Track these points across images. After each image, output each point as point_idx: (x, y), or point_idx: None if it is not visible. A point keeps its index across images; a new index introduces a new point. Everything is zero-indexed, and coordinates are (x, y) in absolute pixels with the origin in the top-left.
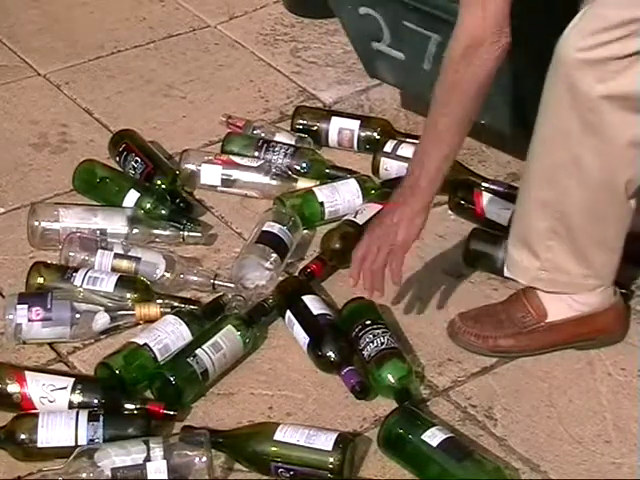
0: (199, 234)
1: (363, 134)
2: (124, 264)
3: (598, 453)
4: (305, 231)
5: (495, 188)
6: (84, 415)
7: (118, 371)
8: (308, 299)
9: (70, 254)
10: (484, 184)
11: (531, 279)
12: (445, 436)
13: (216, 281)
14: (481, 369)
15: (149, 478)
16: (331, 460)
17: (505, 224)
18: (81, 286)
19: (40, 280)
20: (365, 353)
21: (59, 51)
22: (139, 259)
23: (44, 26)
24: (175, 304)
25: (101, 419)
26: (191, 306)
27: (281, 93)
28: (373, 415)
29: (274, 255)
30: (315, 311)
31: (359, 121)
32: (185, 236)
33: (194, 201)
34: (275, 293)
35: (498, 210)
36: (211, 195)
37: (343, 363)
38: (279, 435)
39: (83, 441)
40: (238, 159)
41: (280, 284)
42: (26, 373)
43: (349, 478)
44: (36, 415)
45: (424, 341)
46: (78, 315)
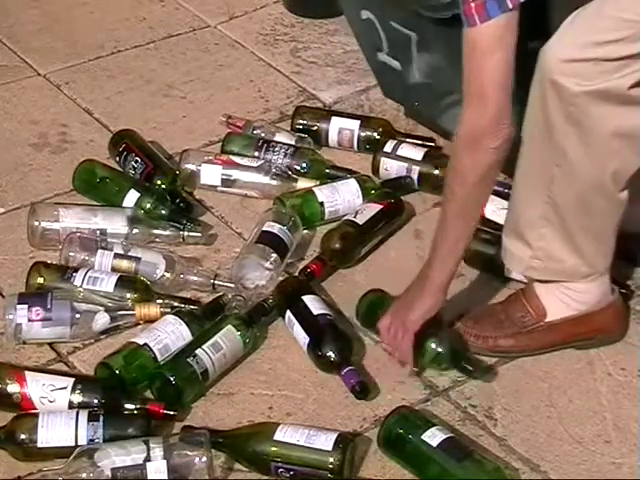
0: (199, 234)
1: (363, 134)
2: (124, 264)
3: (598, 453)
4: (305, 231)
5: (495, 188)
6: (84, 415)
7: (118, 371)
8: (308, 299)
9: (70, 254)
10: None
11: (525, 268)
12: (445, 436)
13: (216, 281)
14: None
15: (149, 478)
16: (331, 460)
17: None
18: (81, 286)
19: (40, 280)
20: None
21: (59, 51)
22: (139, 259)
23: (44, 26)
24: (175, 304)
25: (101, 419)
26: (191, 306)
27: (281, 93)
28: (373, 415)
29: (274, 255)
30: (315, 311)
31: (359, 121)
32: (185, 236)
33: (194, 201)
34: (275, 293)
35: (498, 210)
36: (211, 195)
37: (343, 363)
38: (279, 435)
39: (83, 441)
40: (238, 159)
41: (280, 284)
42: (26, 373)
43: (349, 478)
44: (36, 415)
45: None
46: (78, 315)
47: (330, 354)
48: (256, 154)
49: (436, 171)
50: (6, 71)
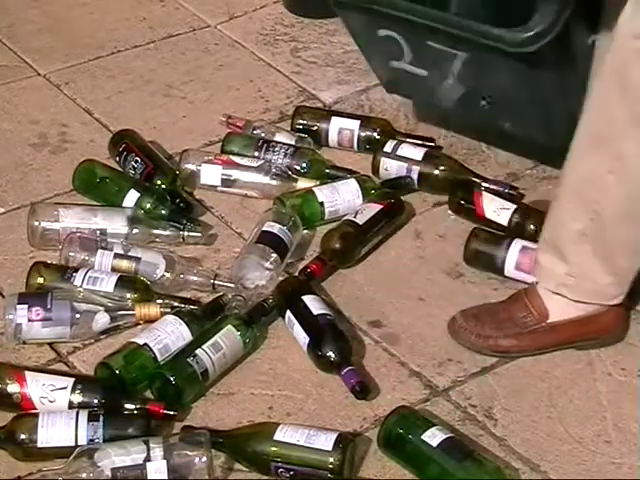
0: (199, 234)
1: (363, 134)
2: (124, 264)
3: (598, 453)
4: (305, 231)
5: (495, 188)
6: (84, 415)
7: (118, 371)
8: (308, 299)
9: (70, 254)
10: (484, 184)
11: (557, 285)
12: (445, 436)
13: (216, 281)
14: (481, 369)
15: (149, 478)
16: (331, 460)
17: (505, 224)
18: (81, 286)
19: (40, 280)
20: None
21: (59, 51)
22: (139, 259)
23: (44, 26)
24: (175, 304)
25: (101, 419)
26: (191, 306)
27: (281, 93)
28: (373, 415)
29: (274, 255)
30: (315, 311)
31: (359, 121)
32: (185, 236)
33: (194, 201)
34: (275, 293)
35: (498, 210)
36: (211, 195)
37: (343, 363)
38: (279, 435)
39: (83, 441)
40: (238, 159)
41: (280, 284)
42: (26, 373)
43: (349, 478)
44: (36, 415)
45: (424, 341)
46: (78, 315)
47: (330, 354)
48: (256, 154)
49: (436, 171)
50: (6, 71)
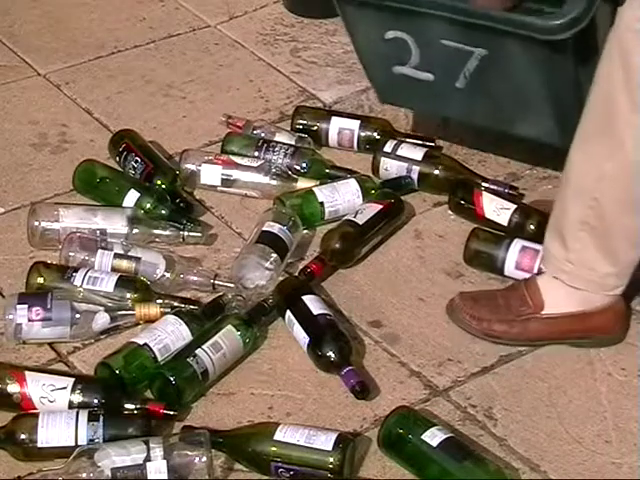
0: (199, 234)
1: (363, 134)
2: (124, 264)
3: (598, 453)
4: (305, 231)
5: (495, 188)
6: (84, 415)
7: (118, 371)
8: (308, 299)
9: (70, 254)
10: (484, 184)
11: (556, 269)
12: (445, 436)
13: (216, 281)
14: (481, 369)
15: (149, 478)
16: (331, 460)
17: (505, 224)
18: (81, 286)
19: (40, 280)
20: None
21: (59, 51)
22: (139, 259)
23: (44, 26)
24: (175, 304)
25: (101, 419)
26: (191, 306)
27: (281, 93)
28: (373, 415)
29: (274, 255)
30: (315, 311)
31: (359, 121)
32: (185, 236)
33: (194, 201)
34: (275, 293)
35: (498, 210)
36: (211, 195)
37: (343, 363)
38: (279, 435)
39: (83, 441)
40: (238, 159)
41: (280, 284)
42: (26, 373)
43: (349, 478)
44: (36, 415)
45: (424, 341)
46: (78, 315)
47: (330, 354)
48: (256, 154)
49: (436, 171)
50: (6, 71)
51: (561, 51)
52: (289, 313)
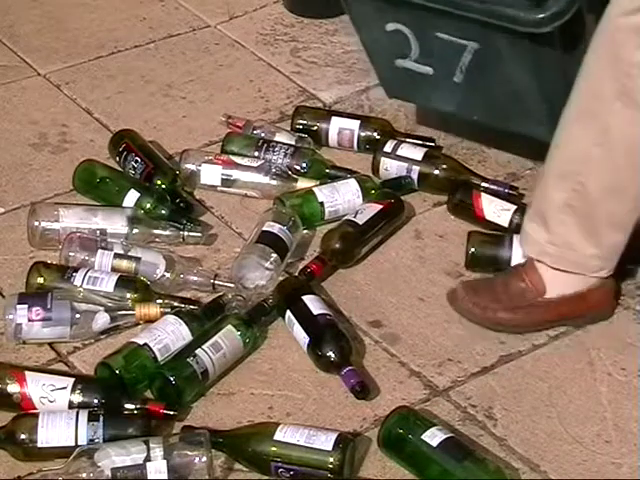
0: (199, 234)
1: (363, 134)
2: (124, 264)
3: (598, 453)
4: (305, 231)
5: (495, 188)
6: (84, 415)
7: (118, 371)
8: (308, 299)
9: (70, 254)
10: (484, 184)
11: (539, 252)
12: (445, 436)
13: (216, 281)
14: (481, 369)
15: (149, 478)
16: (331, 460)
17: (506, 225)
18: (81, 286)
19: (40, 280)
20: None
21: (59, 51)
22: (139, 259)
23: (44, 26)
24: (175, 304)
25: (101, 419)
26: (191, 306)
27: (281, 93)
28: (373, 415)
29: (274, 255)
30: (315, 311)
31: (359, 121)
32: (185, 236)
33: (194, 201)
34: (275, 293)
35: (498, 211)
36: (211, 195)
37: (343, 363)
38: (279, 435)
39: (83, 441)
40: (238, 159)
41: (280, 284)
42: (26, 373)
43: (349, 478)
44: (36, 415)
45: (424, 341)
46: (78, 315)
47: (330, 354)
48: (256, 154)
49: (436, 171)
50: (6, 71)
51: (546, 44)
52: (289, 313)
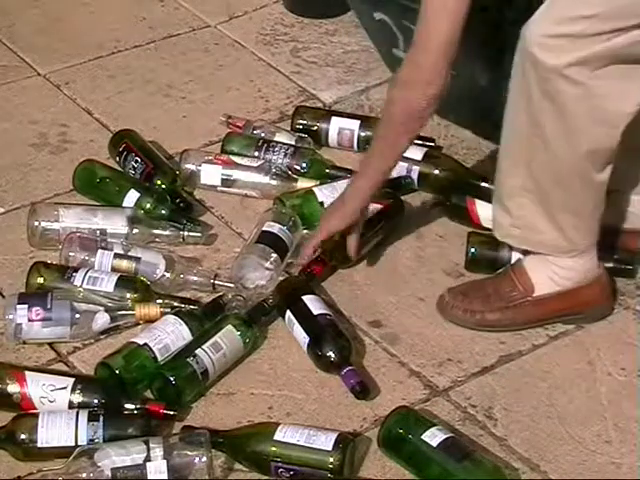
0: (199, 234)
1: (363, 134)
2: (124, 264)
3: (598, 453)
4: (305, 231)
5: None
6: (84, 415)
7: (118, 371)
8: (308, 299)
9: (70, 254)
10: (483, 184)
11: (504, 235)
12: (445, 436)
13: (216, 281)
14: (481, 369)
15: (149, 478)
16: (331, 460)
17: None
18: (81, 286)
19: (40, 280)
20: None
21: (59, 51)
22: (139, 259)
23: (44, 26)
24: (175, 304)
25: (101, 419)
26: (191, 306)
27: (281, 93)
28: (373, 415)
29: (274, 255)
30: (315, 311)
31: (359, 121)
32: (185, 236)
33: (194, 201)
34: (275, 293)
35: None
36: (211, 195)
37: (343, 363)
38: (279, 435)
39: (83, 441)
40: (238, 159)
41: (280, 284)
42: (26, 373)
43: (349, 478)
44: (36, 415)
45: (424, 341)
46: (78, 315)
47: (330, 354)
48: (256, 154)
49: (436, 171)
50: (6, 71)
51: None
52: (289, 313)
